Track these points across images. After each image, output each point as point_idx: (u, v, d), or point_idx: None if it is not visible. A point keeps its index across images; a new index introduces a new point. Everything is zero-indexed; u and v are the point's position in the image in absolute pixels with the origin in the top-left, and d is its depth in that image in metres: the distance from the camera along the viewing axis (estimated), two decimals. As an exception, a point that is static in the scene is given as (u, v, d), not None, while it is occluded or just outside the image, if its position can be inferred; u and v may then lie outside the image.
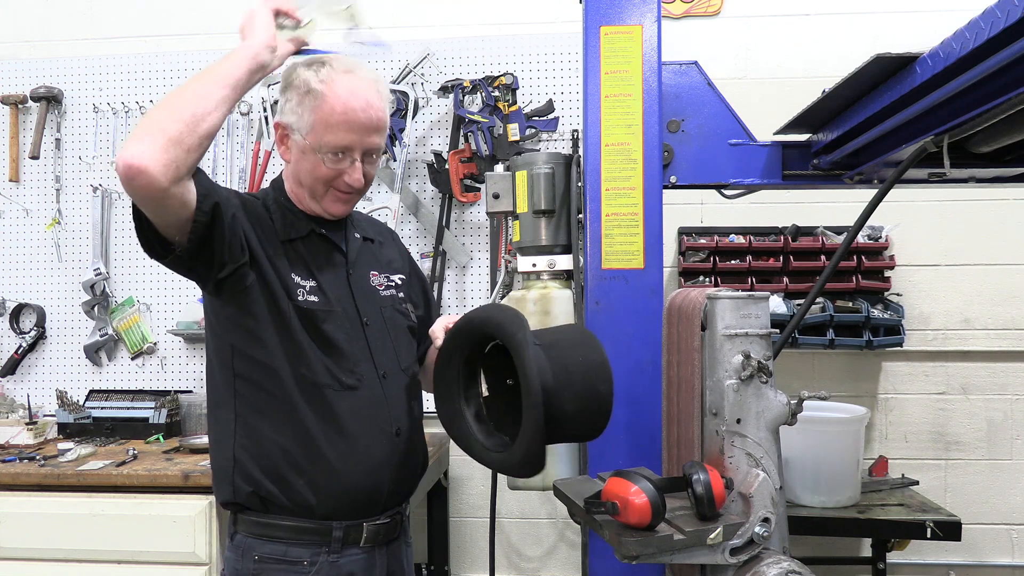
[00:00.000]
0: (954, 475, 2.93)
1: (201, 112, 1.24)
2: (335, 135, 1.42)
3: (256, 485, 1.41)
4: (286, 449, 1.41)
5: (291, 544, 1.41)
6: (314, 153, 1.44)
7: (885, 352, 2.88)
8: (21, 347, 3.11)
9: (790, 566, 1.18)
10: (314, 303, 1.44)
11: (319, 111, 1.41)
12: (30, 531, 2.37)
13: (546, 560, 3.06)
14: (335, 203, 1.50)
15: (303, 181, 1.48)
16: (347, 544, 1.44)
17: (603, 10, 1.58)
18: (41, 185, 3.15)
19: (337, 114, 1.41)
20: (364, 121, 1.43)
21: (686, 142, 1.67)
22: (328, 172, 1.45)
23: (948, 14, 1.54)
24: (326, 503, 1.42)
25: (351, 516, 1.45)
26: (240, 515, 1.45)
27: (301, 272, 1.46)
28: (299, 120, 1.44)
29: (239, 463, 1.43)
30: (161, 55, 3.13)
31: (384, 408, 1.49)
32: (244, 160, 3.06)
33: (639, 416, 1.56)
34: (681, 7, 3.00)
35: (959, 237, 2.91)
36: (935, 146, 1.27)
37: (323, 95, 1.41)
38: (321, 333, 1.44)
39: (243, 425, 1.43)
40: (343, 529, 1.43)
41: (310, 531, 1.42)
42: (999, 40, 0.99)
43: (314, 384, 1.42)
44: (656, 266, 1.58)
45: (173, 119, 1.22)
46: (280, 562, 1.41)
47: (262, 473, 1.41)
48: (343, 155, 1.44)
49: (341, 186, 1.47)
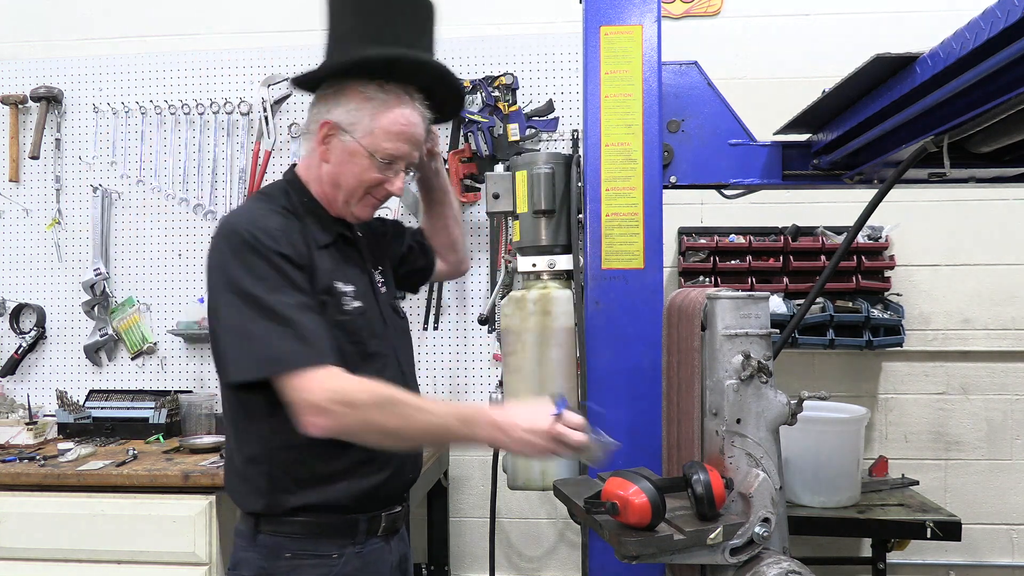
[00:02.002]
0: (954, 475, 2.93)
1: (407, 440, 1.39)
2: (393, 143, 1.46)
3: (295, 497, 1.43)
4: (323, 456, 1.42)
5: (320, 539, 1.45)
6: (367, 157, 1.45)
7: (885, 352, 2.89)
8: (21, 347, 3.11)
9: (790, 566, 1.18)
10: (358, 308, 1.47)
11: (382, 117, 1.45)
12: (30, 531, 2.37)
13: (546, 560, 3.06)
14: (366, 208, 1.53)
15: (343, 183, 1.48)
16: (369, 535, 1.49)
17: (603, 10, 1.58)
18: (41, 185, 3.15)
19: (400, 124, 1.46)
20: (418, 136, 1.50)
21: (686, 142, 1.67)
22: (376, 178, 1.48)
23: (948, 14, 1.54)
24: (359, 502, 1.46)
25: (375, 509, 1.50)
26: (264, 516, 1.45)
27: (342, 278, 1.47)
28: (356, 122, 1.45)
29: (275, 479, 1.43)
30: (161, 55, 3.13)
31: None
32: (244, 160, 3.06)
33: (639, 416, 1.56)
34: (681, 7, 3.00)
35: (959, 237, 2.91)
36: (935, 146, 1.27)
37: (387, 103, 1.46)
38: (361, 340, 1.47)
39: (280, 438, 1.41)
40: (367, 521, 1.48)
41: (338, 525, 1.45)
42: (999, 40, 0.99)
43: None
44: (656, 266, 1.58)
45: (372, 436, 1.34)
46: (312, 556, 1.44)
47: (300, 485, 1.43)
48: (393, 164, 1.48)
49: (380, 193, 1.51)
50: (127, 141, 3.12)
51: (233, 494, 1.49)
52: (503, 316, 1.71)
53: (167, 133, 3.11)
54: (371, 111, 1.45)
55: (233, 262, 1.35)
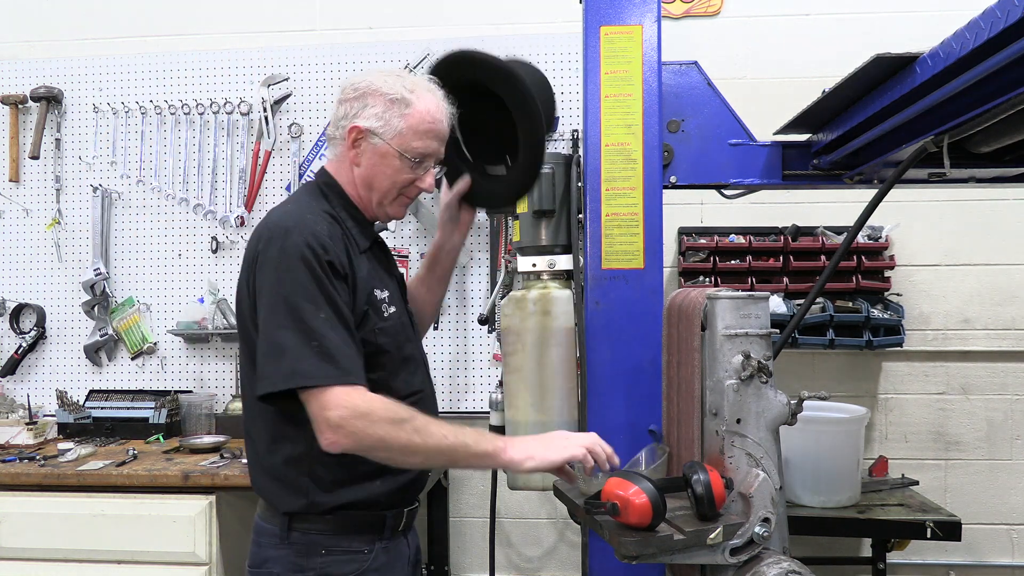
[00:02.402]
0: (954, 475, 2.93)
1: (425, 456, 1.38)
2: (423, 141, 1.48)
3: (335, 496, 1.45)
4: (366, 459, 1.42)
5: (352, 535, 1.47)
6: (398, 158, 1.48)
7: (885, 352, 2.88)
8: (21, 347, 3.11)
9: (790, 566, 1.18)
10: (393, 314, 1.50)
11: (410, 118, 1.47)
12: (30, 531, 2.37)
13: (546, 560, 3.06)
14: (400, 208, 1.56)
15: (377, 185, 1.51)
16: (393, 530, 1.52)
17: (603, 10, 1.58)
18: (41, 185, 3.15)
19: (427, 122, 1.48)
20: (444, 132, 1.52)
21: (686, 142, 1.67)
22: (409, 177, 1.50)
23: (948, 14, 1.54)
24: (391, 499, 1.50)
25: (402, 506, 1.53)
26: (299, 515, 1.47)
27: (379, 284, 1.50)
28: (384, 125, 1.47)
29: (317, 477, 1.44)
30: (161, 55, 3.13)
31: (434, 405, 1.61)
32: (244, 160, 3.06)
33: (639, 416, 1.56)
34: (681, 7, 3.00)
35: (959, 237, 2.91)
36: (935, 146, 1.27)
37: (413, 104, 1.47)
38: (400, 344, 1.50)
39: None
40: (393, 517, 1.51)
41: (368, 521, 1.48)
42: (999, 40, 0.99)
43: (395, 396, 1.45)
44: (656, 266, 1.58)
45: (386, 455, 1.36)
46: (346, 552, 1.47)
47: (340, 485, 1.45)
48: (423, 162, 1.50)
49: (412, 192, 1.54)
50: (127, 141, 3.12)
51: (268, 495, 1.50)
52: (503, 316, 1.71)
53: (167, 133, 3.11)
54: (399, 112, 1.47)
55: (283, 268, 1.37)
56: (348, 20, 3.11)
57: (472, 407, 3.01)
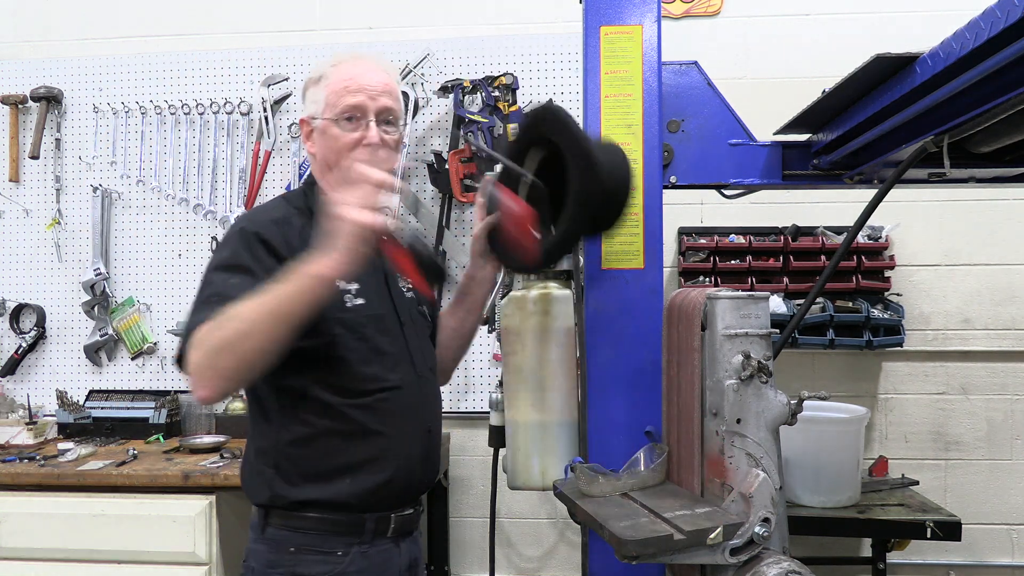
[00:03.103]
0: (954, 475, 2.93)
1: (261, 348, 1.26)
2: (346, 99, 1.47)
3: (299, 491, 1.44)
4: (331, 455, 1.44)
5: (327, 535, 1.45)
6: (334, 124, 1.48)
7: (885, 352, 2.88)
8: (21, 347, 3.11)
9: (790, 566, 1.18)
10: (360, 307, 1.48)
11: (330, 86, 1.49)
12: (30, 531, 2.38)
13: (546, 560, 3.06)
14: None
15: (330, 162, 1.51)
16: (377, 535, 1.48)
17: (603, 10, 1.58)
18: (41, 185, 3.15)
19: (344, 80, 1.48)
20: (371, 83, 1.49)
21: (686, 142, 1.67)
22: (348, 139, 1.48)
23: (948, 14, 1.54)
24: (365, 501, 1.46)
25: (383, 510, 1.50)
26: (273, 509, 1.47)
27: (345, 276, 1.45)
28: (315, 105, 1.51)
29: (281, 470, 1.45)
30: (161, 55, 3.13)
31: (422, 406, 1.55)
32: (244, 160, 3.06)
33: (639, 416, 1.56)
34: (681, 7, 3.00)
35: (959, 237, 2.91)
36: (935, 146, 1.27)
37: (331, 73, 1.51)
38: (365, 337, 1.47)
39: (288, 433, 1.45)
40: (375, 520, 1.48)
41: (344, 524, 1.46)
42: (999, 40, 0.99)
43: (361, 391, 1.45)
44: (656, 266, 1.58)
45: (236, 359, 1.25)
46: (317, 552, 1.44)
47: (305, 479, 1.44)
48: (357, 119, 1.48)
49: (362, 154, 1.47)
50: (127, 141, 3.12)
51: (244, 486, 1.52)
52: (503, 316, 1.71)
53: (167, 133, 3.11)
54: (322, 87, 1.50)
55: (216, 250, 1.45)
56: (348, 20, 3.11)
57: (472, 407, 3.01)
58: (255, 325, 1.24)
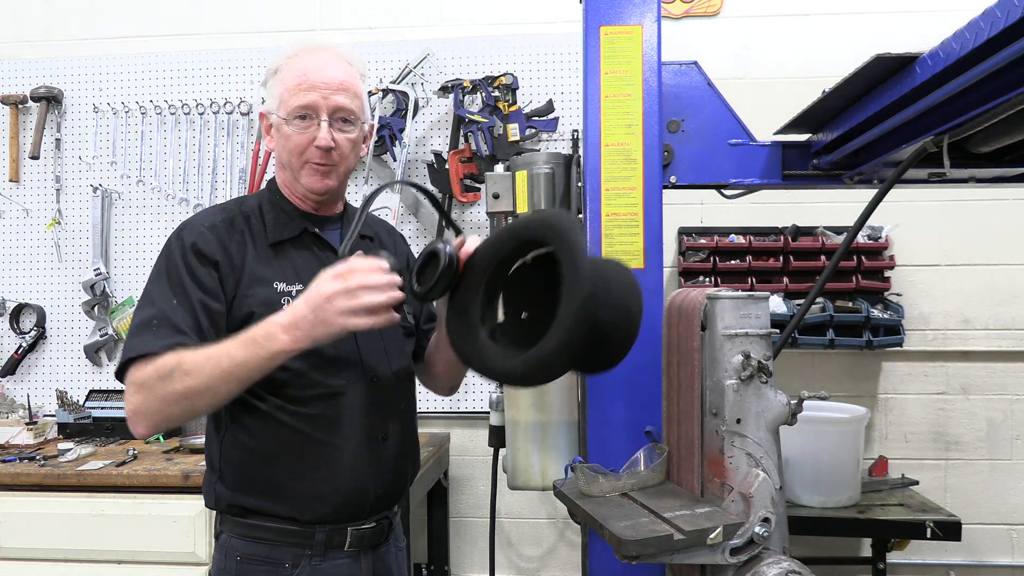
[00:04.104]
0: (954, 475, 2.93)
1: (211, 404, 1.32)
2: (297, 97, 1.40)
3: (238, 495, 1.41)
4: (269, 460, 1.39)
5: (274, 546, 1.39)
6: (286, 123, 1.42)
7: (885, 352, 2.88)
8: (21, 347, 3.11)
9: (790, 566, 1.18)
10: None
11: (284, 80, 1.43)
12: (30, 531, 2.37)
13: (546, 560, 3.06)
14: (311, 176, 1.44)
15: (283, 161, 1.47)
16: (331, 548, 1.41)
17: (603, 10, 1.58)
18: (41, 185, 3.15)
19: (298, 76, 1.41)
20: (324, 80, 1.41)
21: (686, 142, 1.67)
22: (299, 140, 1.41)
23: (948, 14, 1.54)
24: (309, 511, 1.40)
25: (335, 522, 1.42)
26: (224, 515, 1.45)
27: (288, 277, 1.41)
28: (271, 100, 1.45)
29: (223, 473, 1.43)
30: (161, 55, 3.13)
31: (371, 413, 1.44)
32: (244, 160, 3.06)
33: (639, 416, 1.56)
34: (681, 7, 3.00)
35: (959, 237, 2.91)
36: (935, 146, 1.27)
37: (286, 67, 1.44)
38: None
39: (229, 436, 1.42)
40: (326, 533, 1.41)
41: (292, 534, 1.40)
42: (999, 40, 0.99)
43: (297, 398, 1.39)
44: (656, 266, 1.58)
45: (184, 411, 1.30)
46: (263, 563, 1.39)
47: (244, 484, 1.41)
48: (309, 119, 1.41)
49: (314, 156, 1.42)
50: (127, 141, 3.12)
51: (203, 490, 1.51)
52: (503, 316, 1.71)
53: (167, 133, 3.11)
54: (277, 80, 1.45)
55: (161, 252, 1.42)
56: (348, 20, 3.11)
57: (472, 407, 3.01)
58: (209, 384, 1.25)
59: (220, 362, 1.25)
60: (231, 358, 1.25)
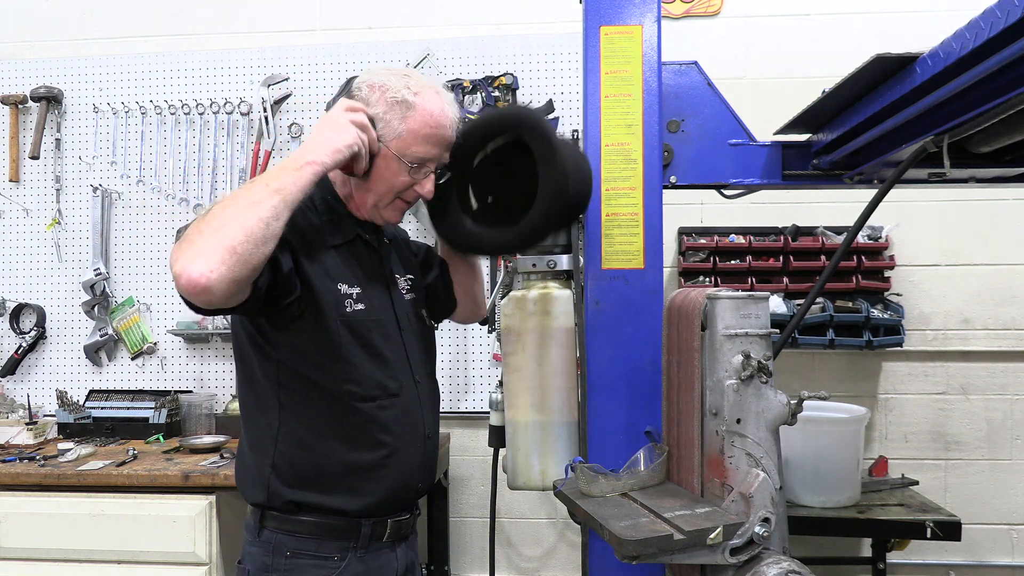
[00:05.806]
0: (954, 475, 2.93)
1: (268, 227, 1.24)
2: (423, 147, 1.45)
3: (294, 492, 1.44)
4: (328, 458, 1.44)
5: (322, 540, 1.45)
6: (396, 161, 1.45)
7: (885, 352, 2.89)
8: (21, 347, 3.11)
9: (790, 566, 1.18)
10: (361, 312, 1.47)
11: (412, 121, 1.44)
12: (30, 531, 2.38)
13: (546, 560, 3.06)
14: (396, 212, 1.54)
15: (373, 187, 1.48)
16: (374, 540, 1.48)
17: (603, 10, 1.58)
18: (41, 185, 3.15)
19: (429, 127, 1.45)
20: (448, 138, 1.49)
21: (686, 142, 1.67)
22: (406, 181, 1.47)
23: (948, 14, 1.54)
24: (361, 506, 1.46)
25: (380, 515, 1.49)
26: (269, 512, 1.47)
27: (348, 280, 1.47)
28: (385, 126, 1.44)
29: (278, 469, 1.45)
30: (161, 55, 3.13)
31: (419, 413, 1.55)
32: (244, 160, 3.06)
33: (639, 416, 1.56)
34: (681, 7, 3.01)
35: (959, 237, 2.91)
36: (935, 146, 1.27)
37: (416, 107, 1.44)
38: (368, 343, 1.47)
39: (286, 434, 1.45)
40: (371, 526, 1.48)
41: (340, 528, 1.46)
42: (999, 40, 0.99)
43: (361, 397, 1.45)
44: (656, 266, 1.58)
45: (242, 233, 1.20)
46: (312, 557, 1.44)
47: (301, 481, 1.44)
48: (422, 167, 1.47)
49: (410, 196, 1.51)
50: (127, 141, 3.12)
51: (239, 484, 1.52)
52: (503, 316, 1.71)
53: (167, 133, 3.11)
54: (400, 114, 1.43)
55: None
56: (348, 20, 3.11)
57: (472, 407, 3.02)
58: (238, 197, 1.26)
59: (253, 184, 1.28)
60: (264, 180, 1.28)
